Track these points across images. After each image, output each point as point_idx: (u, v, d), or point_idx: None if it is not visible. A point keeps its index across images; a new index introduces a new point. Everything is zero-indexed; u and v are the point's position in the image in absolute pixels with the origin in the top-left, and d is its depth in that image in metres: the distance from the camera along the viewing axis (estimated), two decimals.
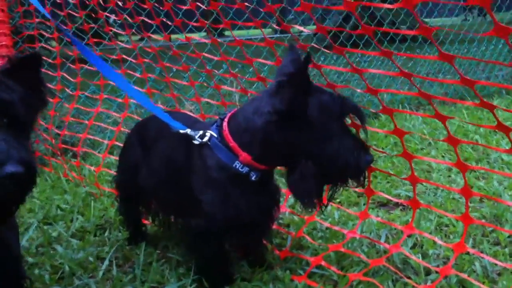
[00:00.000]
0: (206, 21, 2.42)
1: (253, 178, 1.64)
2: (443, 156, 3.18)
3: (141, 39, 3.48)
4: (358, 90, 1.97)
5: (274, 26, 2.13)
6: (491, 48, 6.09)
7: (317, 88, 1.59)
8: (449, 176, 2.82)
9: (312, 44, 2.64)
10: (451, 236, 2.08)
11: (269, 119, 1.57)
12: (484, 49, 6.08)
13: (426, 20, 8.52)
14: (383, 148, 3.36)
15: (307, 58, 1.48)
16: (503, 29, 1.25)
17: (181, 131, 1.74)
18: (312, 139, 1.55)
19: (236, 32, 4.53)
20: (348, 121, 1.67)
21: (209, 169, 1.67)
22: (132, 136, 2.12)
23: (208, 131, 1.70)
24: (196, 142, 1.69)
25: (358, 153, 1.57)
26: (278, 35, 8.80)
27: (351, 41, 5.52)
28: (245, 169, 1.63)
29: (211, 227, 1.68)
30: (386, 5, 1.51)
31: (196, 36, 2.82)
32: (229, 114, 1.72)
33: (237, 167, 1.63)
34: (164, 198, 1.92)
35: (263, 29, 2.12)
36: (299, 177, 1.58)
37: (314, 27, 1.77)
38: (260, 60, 2.40)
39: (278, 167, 1.79)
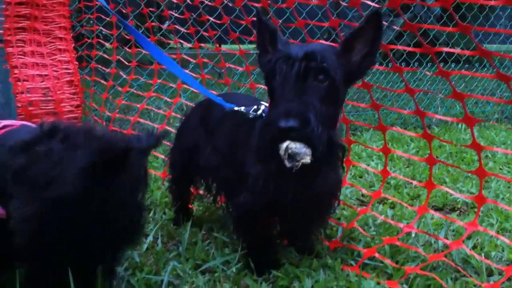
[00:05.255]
0: None
1: None
2: (500, 169, 3.03)
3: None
4: (392, 90, 1.88)
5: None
6: None
7: (282, 48, 1.50)
8: (509, 187, 2.67)
9: None
10: None
11: None
12: None
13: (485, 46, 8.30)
14: (437, 157, 3.23)
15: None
16: None
17: (235, 108, 1.70)
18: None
19: None
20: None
21: None
22: (192, 117, 2.07)
23: (262, 103, 1.66)
24: (251, 116, 1.65)
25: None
26: None
27: (401, 59, 5.40)
28: None
29: (256, 203, 1.61)
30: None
31: None
32: None
33: None
34: (224, 178, 1.84)
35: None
36: None
37: None
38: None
39: None
